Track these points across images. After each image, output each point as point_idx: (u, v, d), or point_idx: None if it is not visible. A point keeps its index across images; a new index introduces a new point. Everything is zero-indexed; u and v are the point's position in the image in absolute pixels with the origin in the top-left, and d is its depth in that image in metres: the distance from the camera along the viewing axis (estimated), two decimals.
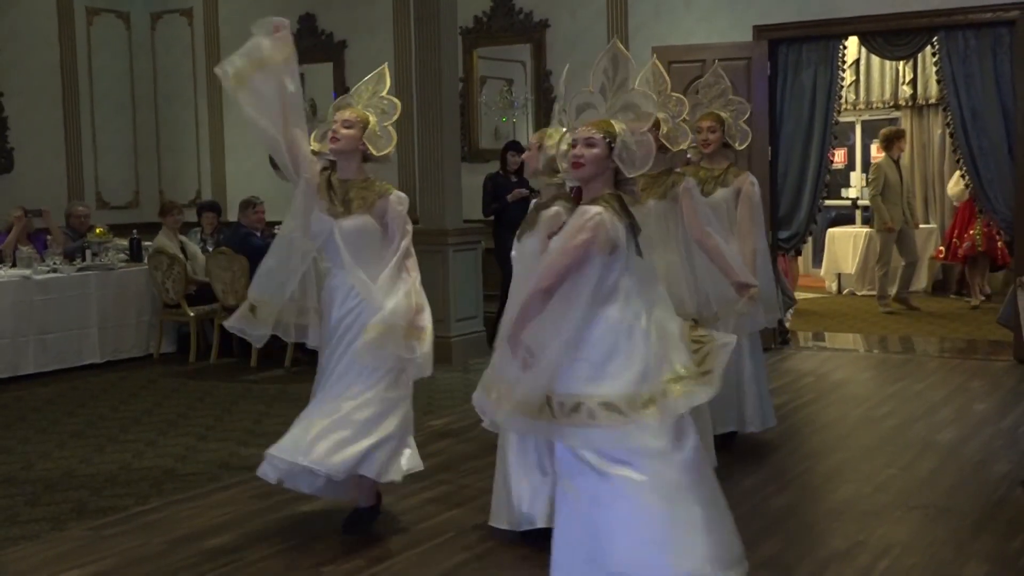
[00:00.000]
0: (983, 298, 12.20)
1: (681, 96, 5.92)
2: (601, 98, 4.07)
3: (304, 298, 5.24)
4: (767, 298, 6.29)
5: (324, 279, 5.23)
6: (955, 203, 12.48)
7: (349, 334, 5.04)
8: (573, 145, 4.00)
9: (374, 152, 5.13)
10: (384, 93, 5.25)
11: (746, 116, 6.41)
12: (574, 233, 3.83)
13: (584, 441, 3.83)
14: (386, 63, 5.60)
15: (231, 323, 5.26)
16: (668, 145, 5.58)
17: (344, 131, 5.09)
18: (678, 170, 5.86)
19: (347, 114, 5.12)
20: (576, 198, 4.98)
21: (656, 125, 5.11)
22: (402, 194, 5.17)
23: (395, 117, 5.21)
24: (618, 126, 3.96)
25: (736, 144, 6.37)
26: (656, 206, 5.64)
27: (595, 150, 3.92)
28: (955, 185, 12.25)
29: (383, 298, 4.96)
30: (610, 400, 3.80)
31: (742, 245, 6.14)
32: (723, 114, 6.33)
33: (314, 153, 5.21)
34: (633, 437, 3.79)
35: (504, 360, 4.03)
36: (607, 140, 3.93)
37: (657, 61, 5.27)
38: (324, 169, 5.18)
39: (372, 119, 5.16)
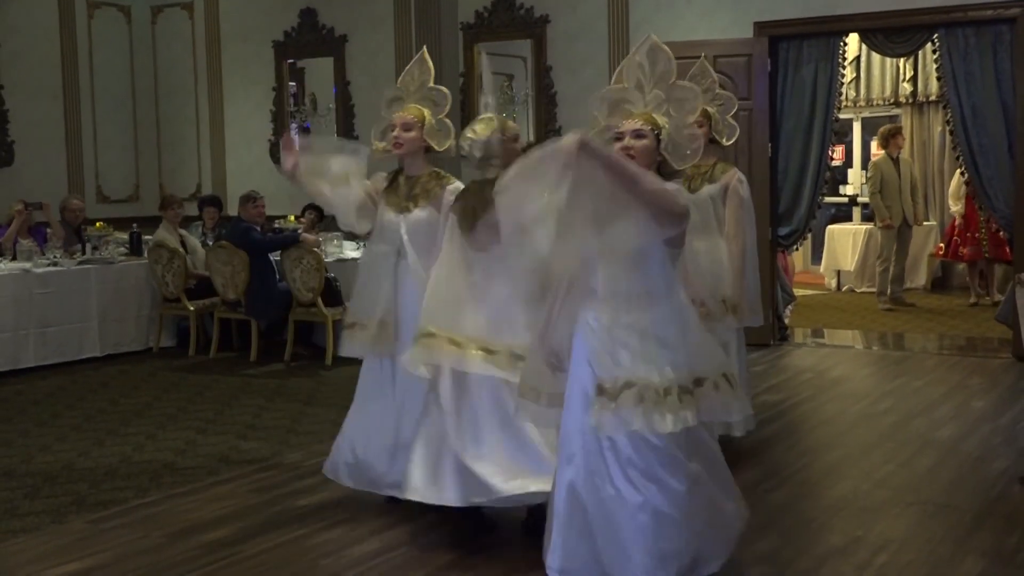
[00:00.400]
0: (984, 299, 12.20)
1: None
2: (638, 93, 4.12)
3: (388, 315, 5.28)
4: (751, 299, 6.25)
5: None
6: (955, 215, 12.41)
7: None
8: (619, 138, 4.03)
9: (436, 147, 5.20)
10: (431, 83, 5.28)
11: (733, 111, 6.34)
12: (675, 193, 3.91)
13: (711, 417, 4.06)
14: (424, 47, 5.62)
15: (347, 352, 5.36)
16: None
17: (405, 135, 5.17)
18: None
19: (405, 115, 5.18)
20: None
21: None
22: (459, 185, 5.20)
23: (447, 108, 5.27)
24: (660, 119, 4.04)
25: (723, 140, 6.26)
26: None
27: (644, 141, 4.00)
28: (955, 202, 12.22)
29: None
30: (729, 372, 4.06)
31: (729, 244, 6.09)
32: (710, 109, 6.26)
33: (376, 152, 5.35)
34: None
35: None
36: (655, 132, 4.00)
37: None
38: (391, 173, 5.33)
39: (427, 114, 5.22)
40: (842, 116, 12.18)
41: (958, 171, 11.70)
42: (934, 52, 9.75)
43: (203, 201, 11.32)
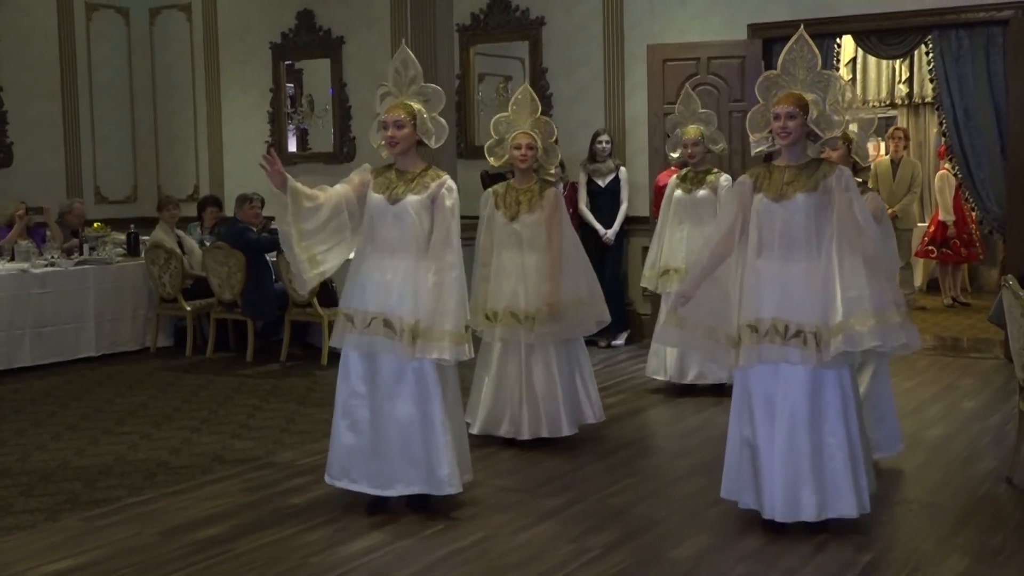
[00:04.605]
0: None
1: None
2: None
3: None
4: None
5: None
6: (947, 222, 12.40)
7: None
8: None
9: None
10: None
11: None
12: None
13: None
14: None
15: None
16: (818, 132, 5.03)
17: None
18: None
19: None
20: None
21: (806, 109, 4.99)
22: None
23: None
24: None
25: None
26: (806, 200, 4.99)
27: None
28: (947, 212, 12.25)
29: None
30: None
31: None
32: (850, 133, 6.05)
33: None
34: None
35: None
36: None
37: (806, 35, 5.15)
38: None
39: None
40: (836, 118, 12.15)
41: (941, 175, 11.81)
42: (927, 54, 9.79)
43: (204, 201, 11.37)
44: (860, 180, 6.01)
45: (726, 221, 5.14)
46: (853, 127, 5.98)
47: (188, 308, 10.04)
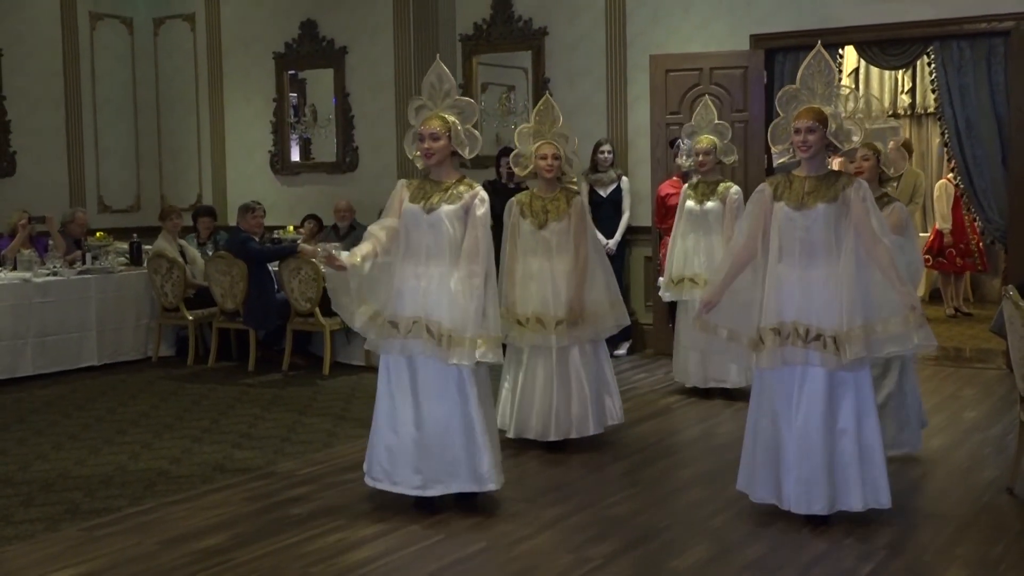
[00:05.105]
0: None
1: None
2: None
3: None
4: None
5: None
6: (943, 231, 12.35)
7: None
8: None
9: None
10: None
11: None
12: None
13: None
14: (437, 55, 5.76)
15: None
16: (837, 144, 5.24)
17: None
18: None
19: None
20: None
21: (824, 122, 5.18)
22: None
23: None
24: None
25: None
26: (826, 210, 5.15)
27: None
28: (944, 220, 12.22)
29: None
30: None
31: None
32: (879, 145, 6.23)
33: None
34: None
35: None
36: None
37: (823, 50, 5.31)
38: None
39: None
40: None
41: (940, 184, 11.82)
42: (929, 65, 9.80)
43: (198, 212, 11.39)
44: (885, 191, 6.19)
45: (747, 229, 5.34)
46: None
47: (190, 317, 10.05)
